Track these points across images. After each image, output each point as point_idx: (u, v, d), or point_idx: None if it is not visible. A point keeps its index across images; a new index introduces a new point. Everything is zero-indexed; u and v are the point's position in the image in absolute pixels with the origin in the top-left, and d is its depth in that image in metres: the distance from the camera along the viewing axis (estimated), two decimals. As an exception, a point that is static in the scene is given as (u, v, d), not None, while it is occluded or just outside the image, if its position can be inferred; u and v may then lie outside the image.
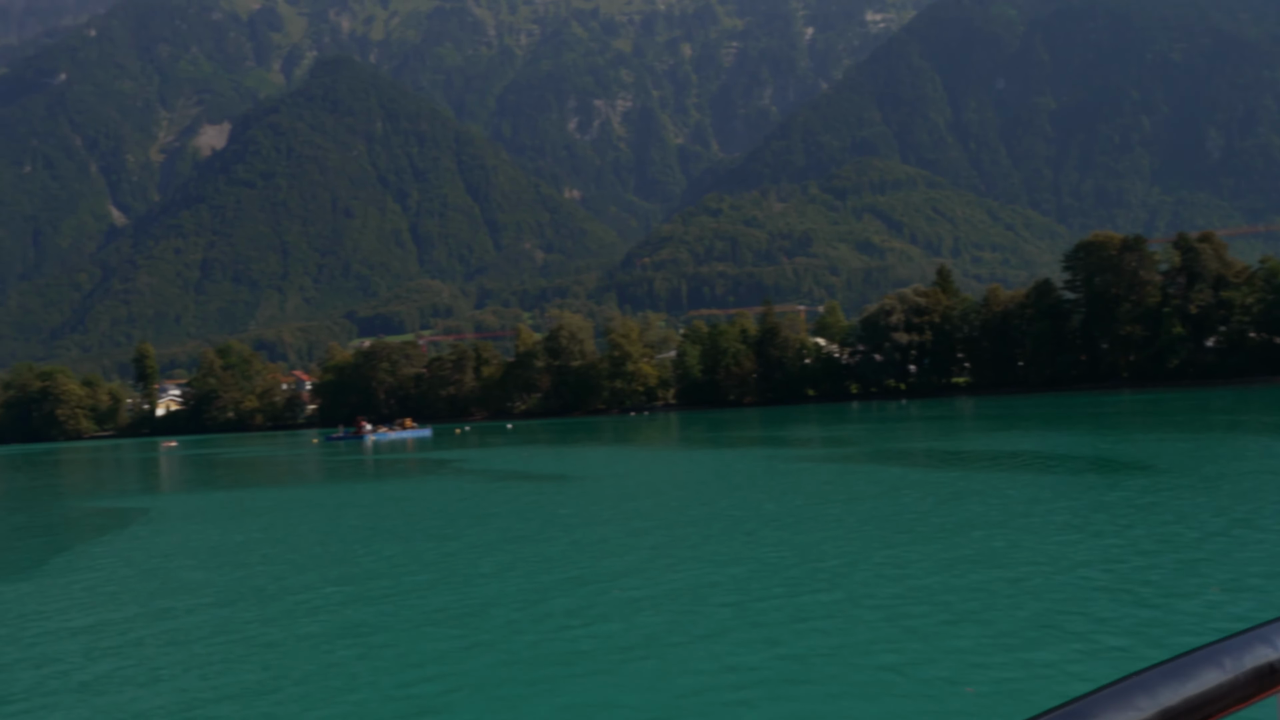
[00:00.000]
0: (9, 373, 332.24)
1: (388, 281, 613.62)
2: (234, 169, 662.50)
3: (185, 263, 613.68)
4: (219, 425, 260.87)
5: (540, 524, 41.86)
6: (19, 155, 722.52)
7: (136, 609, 28.85)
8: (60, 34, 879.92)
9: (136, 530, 48.33)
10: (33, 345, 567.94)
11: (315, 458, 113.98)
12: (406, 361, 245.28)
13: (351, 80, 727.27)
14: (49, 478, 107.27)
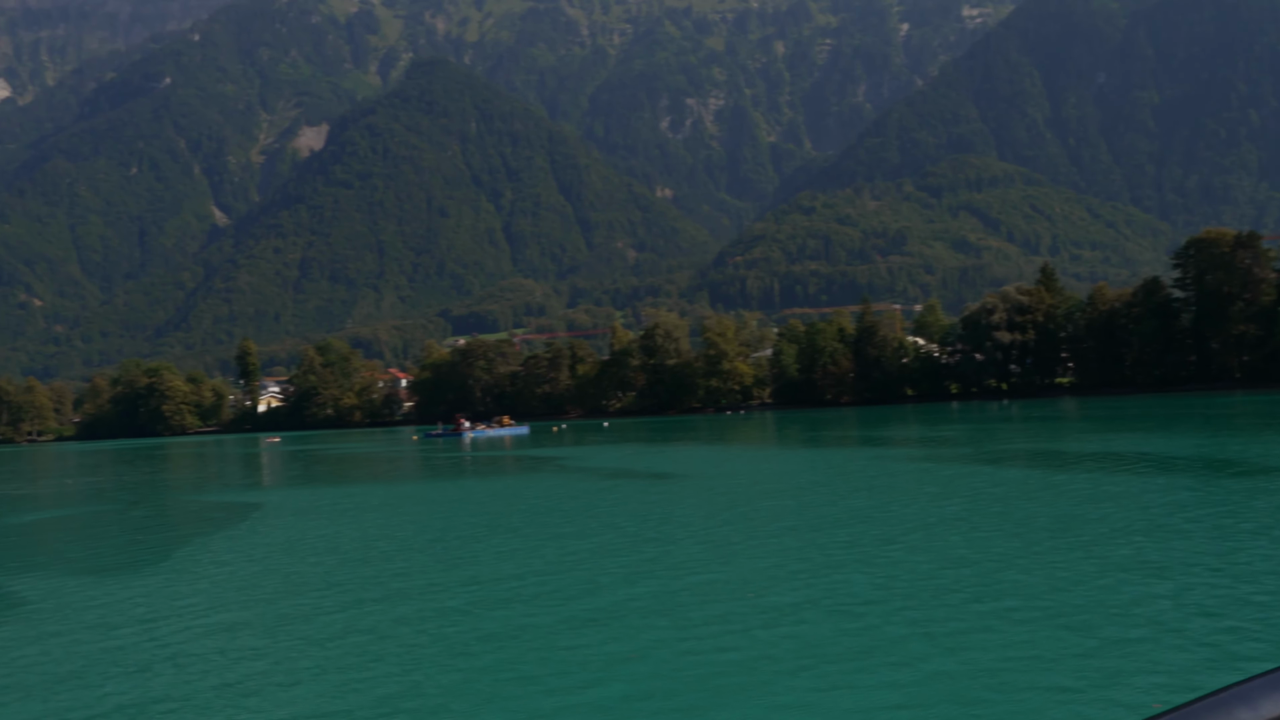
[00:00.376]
0: (117, 369, 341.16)
1: (481, 280, 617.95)
2: (332, 170, 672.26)
3: (284, 262, 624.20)
4: (318, 421, 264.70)
5: (659, 524, 41.09)
6: (126, 158, 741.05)
7: (267, 607, 28.60)
8: (165, 39, 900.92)
9: (256, 525, 48.51)
10: (138, 342, 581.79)
11: (417, 454, 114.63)
12: (502, 360, 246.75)
13: (446, 81, 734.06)
14: (163, 472, 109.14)
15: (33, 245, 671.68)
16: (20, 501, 74.90)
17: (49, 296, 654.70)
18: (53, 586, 33.78)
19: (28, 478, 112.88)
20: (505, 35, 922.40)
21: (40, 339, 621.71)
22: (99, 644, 25.22)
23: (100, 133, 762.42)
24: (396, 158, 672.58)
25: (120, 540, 47.28)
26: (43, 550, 45.30)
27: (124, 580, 34.41)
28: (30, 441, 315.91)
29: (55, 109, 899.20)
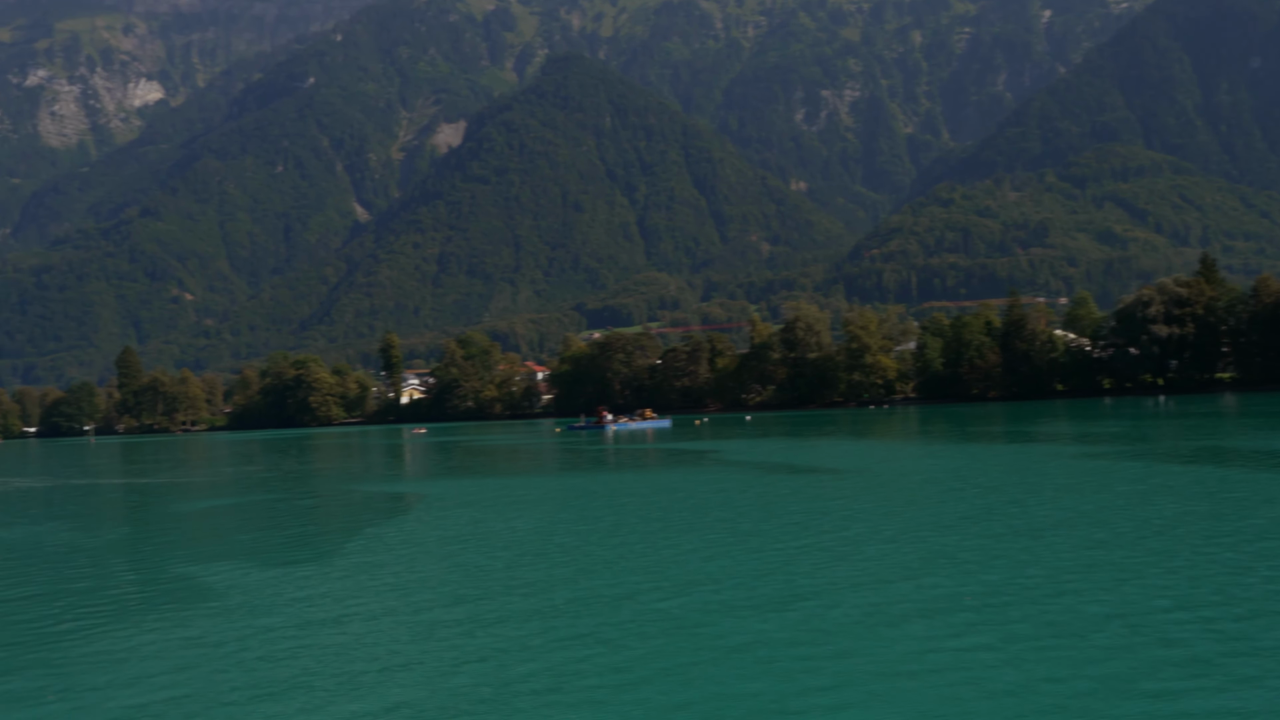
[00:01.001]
0: (265, 361, 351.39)
1: (616, 274, 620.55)
2: (469, 166, 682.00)
3: (423, 257, 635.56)
4: (459, 413, 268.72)
5: (843, 522, 39.87)
6: (272, 156, 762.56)
7: (451, 600, 28.28)
8: (309, 40, 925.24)
9: (425, 516, 48.64)
10: (284, 336, 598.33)
11: (563, 446, 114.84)
12: (641, 353, 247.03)
13: (581, 77, 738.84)
14: (320, 462, 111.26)
15: (184, 242, 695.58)
16: (191, 489, 76.82)
17: (199, 291, 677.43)
18: (240, 575, 34.06)
19: (193, 466, 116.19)
20: (639, 30, 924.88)
21: (191, 332, 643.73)
22: (292, 634, 25.15)
23: (248, 132, 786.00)
24: (532, 153, 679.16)
25: (295, 529, 47.83)
26: (223, 539, 46.01)
27: (306, 570, 34.57)
28: (184, 431, 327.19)
29: (205, 110, 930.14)
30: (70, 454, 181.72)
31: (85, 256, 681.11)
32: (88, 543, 46.03)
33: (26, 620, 28.52)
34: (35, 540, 47.42)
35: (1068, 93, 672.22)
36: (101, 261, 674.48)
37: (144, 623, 27.18)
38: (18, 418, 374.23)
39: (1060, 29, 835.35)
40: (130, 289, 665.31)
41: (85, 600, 31.10)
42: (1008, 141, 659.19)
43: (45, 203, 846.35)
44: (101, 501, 72.22)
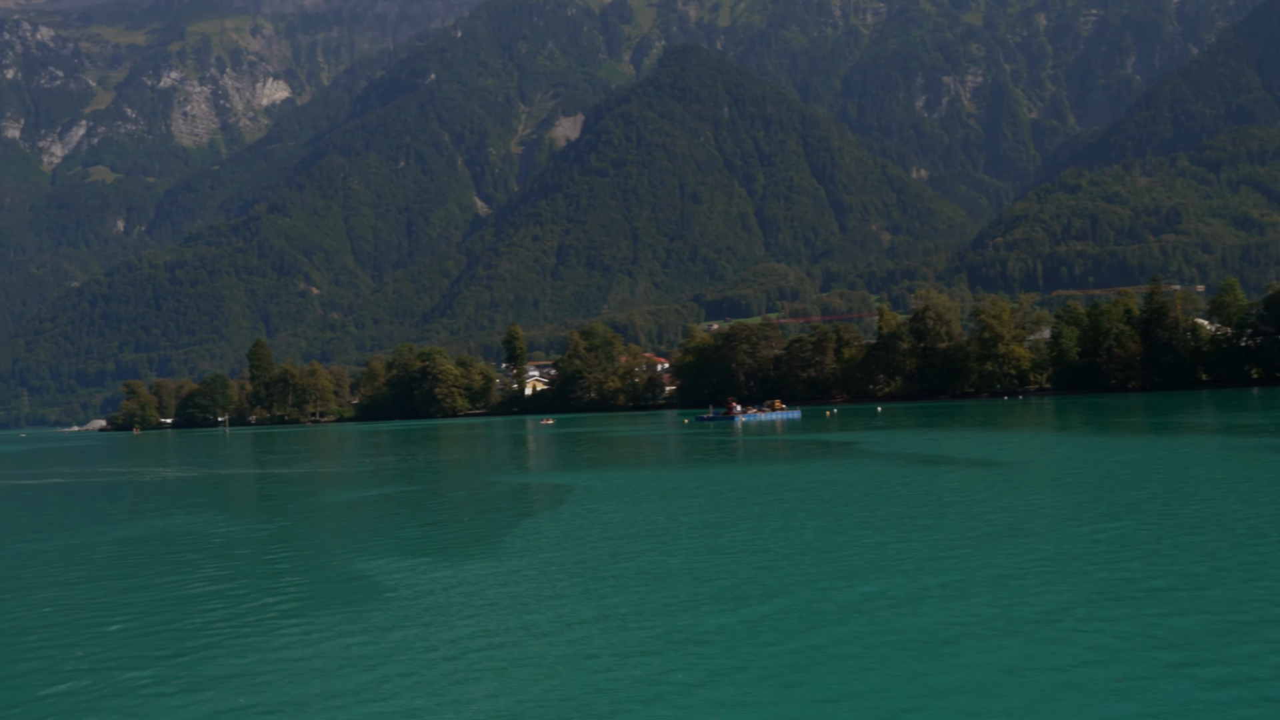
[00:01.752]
0: (391, 354, 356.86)
1: (734, 265, 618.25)
2: (587, 158, 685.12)
3: (543, 249, 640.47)
4: (582, 405, 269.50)
5: (1011, 516, 38.07)
6: (394, 152, 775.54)
7: (620, 593, 27.32)
8: (430, 37, 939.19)
9: (577, 508, 47.92)
10: (406, 328, 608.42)
11: (695, 437, 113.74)
12: (766, 343, 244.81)
13: (699, 67, 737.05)
14: (455, 453, 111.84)
15: (311, 237, 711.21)
16: (336, 480, 77.43)
17: (325, 285, 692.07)
18: (412, 570, 33.62)
19: (331, 457, 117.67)
20: (757, 19, 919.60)
21: (318, 325, 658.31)
22: (480, 630, 24.54)
23: (371, 129, 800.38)
24: (650, 145, 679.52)
25: (455, 522, 47.48)
26: (384, 531, 45.78)
27: (478, 564, 34.01)
28: (314, 422, 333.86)
29: (330, 107, 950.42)
30: (208, 444, 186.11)
31: (216, 252, 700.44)
32: (249, 534, 46.23)
33: (207, 614, 28.31)
34: (197, 531, 47.79)
35: (1201, 74, 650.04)
36: (232, 257, 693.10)
37: (322, 619, 26.76)
38: (155, 409, 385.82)
39: (1192, 9, 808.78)
40: (259, 283, 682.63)
41: (260, 594, 30.87)
42: (1137, 125, 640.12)
43: (178, 201, 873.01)
44: (252, 492, 73.13)
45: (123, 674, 22.54)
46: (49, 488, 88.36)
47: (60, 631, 27.07)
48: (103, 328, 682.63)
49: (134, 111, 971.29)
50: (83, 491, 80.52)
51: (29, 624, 28.23)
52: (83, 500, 71.93)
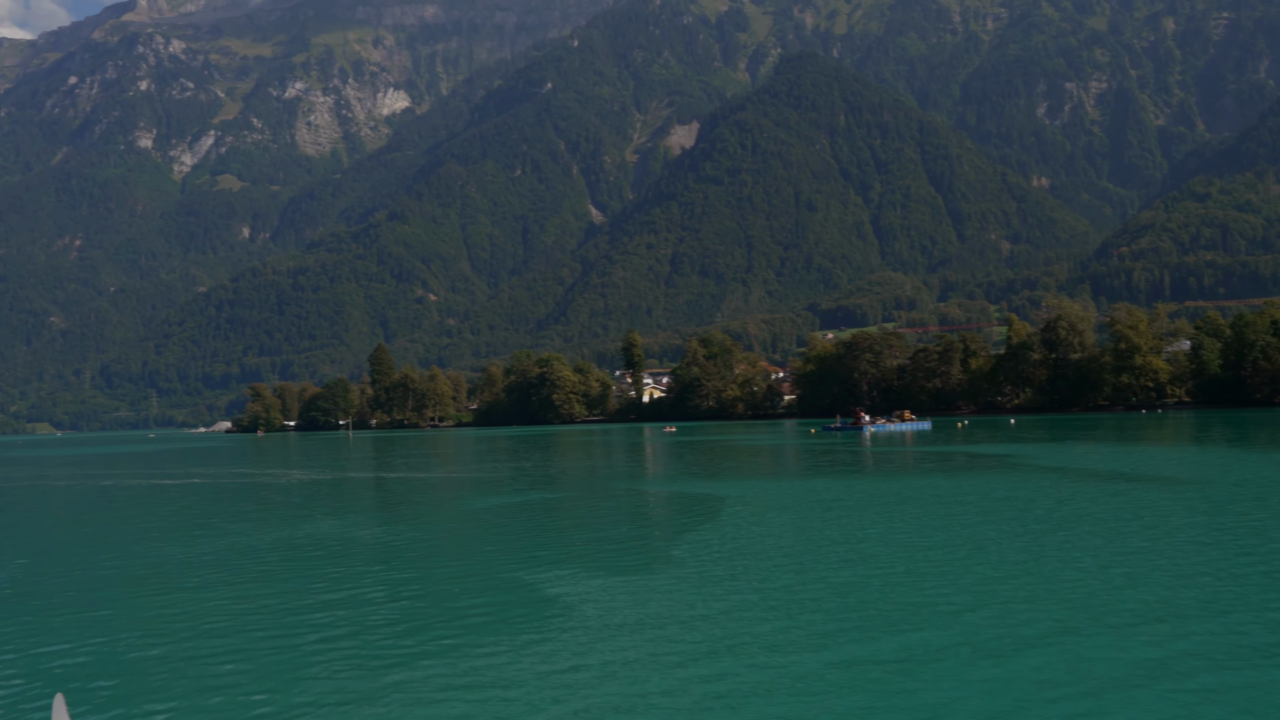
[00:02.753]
0: (510, 359, 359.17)
1: (849, 274, 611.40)
2: (702, 166, 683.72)
3: (656, 257, 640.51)
4: (700, 413, 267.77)
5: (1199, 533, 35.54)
6: (511, 160, 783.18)
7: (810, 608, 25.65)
8: (547, 47, 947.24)
9: (735, 519, 46.53)
10: (521, 335, 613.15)
11: (825, 448, 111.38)
12: (890, 353, 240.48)
13: (815, 75, 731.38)
14: (584, 459, 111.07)
15: (429, 244, 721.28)
16: (474, 485, 76.92)
17: (442, 292, 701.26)
18: (579, 582, 32.60)
19: (461, 461, 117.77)
20: (874, 26, 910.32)
21: (435, 331, 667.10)
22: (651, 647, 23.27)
23: (488, 137, 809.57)
24: (765, 153, 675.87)
25: (608, 531, 46.34)
26: (537, 540, 44.79)
27: (648, 578, 32.94)
28: (433, 426, 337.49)
29: (449, 116, 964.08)
30: (334, 447, 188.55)
31: (337, 259, 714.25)
32: (405, 540, 45.58)
33: (390, 626, 27.39)
34: (352, 536, 47.32)
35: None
36: (352, 264, 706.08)
37: (507, 633, 25.91)
38: (279, 411, 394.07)
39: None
40: (378, 289, 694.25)
41: (437, 605, 29.99)
42: (1270, 132, 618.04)
43: (301, 208, 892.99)
44: (393, 496, 72.91)
45: (322, 685, 21.64)
46: (191, 488, 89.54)
47: (246, 639, 26.32)
48: (228, 332, 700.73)
49: (260, 121, 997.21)
50: (226, 493, 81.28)
51: (211, 629, 27.56)
52: (229, 502, 72.47)
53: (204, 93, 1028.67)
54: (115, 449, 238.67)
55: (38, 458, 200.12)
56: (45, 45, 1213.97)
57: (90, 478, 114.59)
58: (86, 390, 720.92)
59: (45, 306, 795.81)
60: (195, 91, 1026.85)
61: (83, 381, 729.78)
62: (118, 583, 36.42)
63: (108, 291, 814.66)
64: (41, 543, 51.64)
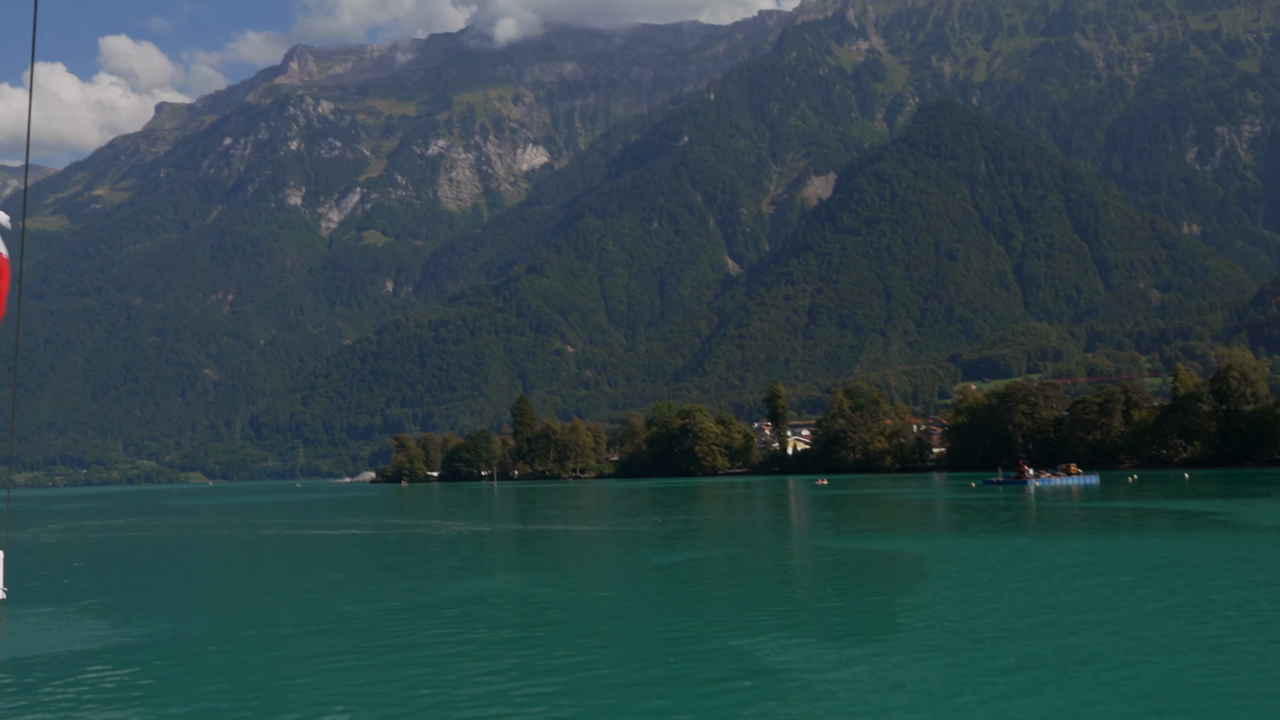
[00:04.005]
0: (651, 410, 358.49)
1: (991, 324, 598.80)
2: (839, 217, 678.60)
3: (794, 308, 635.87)
4: (846, 465, 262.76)
5: None
6: (648, 213, 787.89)
7: (1059, 683, 23.27)
8: (684, 101, 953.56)
9: (943, 581, 43.88)
10: (658, 387, 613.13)
11: (996, 502, 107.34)
12: (1046, 404, 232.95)
13: (954, 123, 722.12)
14: (746, 513, 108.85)
15: (566, 296, 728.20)
16: (642, 539, 75.39)
17: (580, 344, 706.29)
18: (791, 646, 30.53)
19: (616, 514, 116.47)
20: (1014, 74, 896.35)
21: (572, 383, 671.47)
22: None
23: (625, 191, 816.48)
24: (904, 203, 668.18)
25: (808, 592, 44.17)
26: (737, 603, 42.81)
27: (870, 643, 30.76)
28: (574, 478, 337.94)
29: (586, 171, 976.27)
30: (481, 498, 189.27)
31: (477, 312, 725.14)
32: (586, 599, 44.19)
33: (607, 690, 25.77)
34: (535, 593, 46.05)
35: None
36: (492, 316, 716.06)
37: (734, 706, 23.80)
38: (422, 462, 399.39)
39: None
40: (517, 342, 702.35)
41: (644, 674, 28.24)
42: None
43: (443, 262, 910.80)
44: (558, 550, 71.74)
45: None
46: (353, 539, 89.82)
47: (457, 704, 24.98)
48: (371, 383, 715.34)
49: (404, 178, 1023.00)
50: (389, 545, 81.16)
51: (412, 692, 26.30)
52: (395, 554, 72.13)
53: (351, 151, 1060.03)
54: (266, 498, 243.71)
55: (194, 506, 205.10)
56: (203, 108, 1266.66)
57: (251, 528, 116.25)
58: (236, 440, 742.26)
59: (199, 359, 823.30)
60: (343, 150, 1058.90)
61: (233, 432, 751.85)
62: (309, 637, 35.62)
63: (258, 344, 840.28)
64: (224, 596, 51.53)
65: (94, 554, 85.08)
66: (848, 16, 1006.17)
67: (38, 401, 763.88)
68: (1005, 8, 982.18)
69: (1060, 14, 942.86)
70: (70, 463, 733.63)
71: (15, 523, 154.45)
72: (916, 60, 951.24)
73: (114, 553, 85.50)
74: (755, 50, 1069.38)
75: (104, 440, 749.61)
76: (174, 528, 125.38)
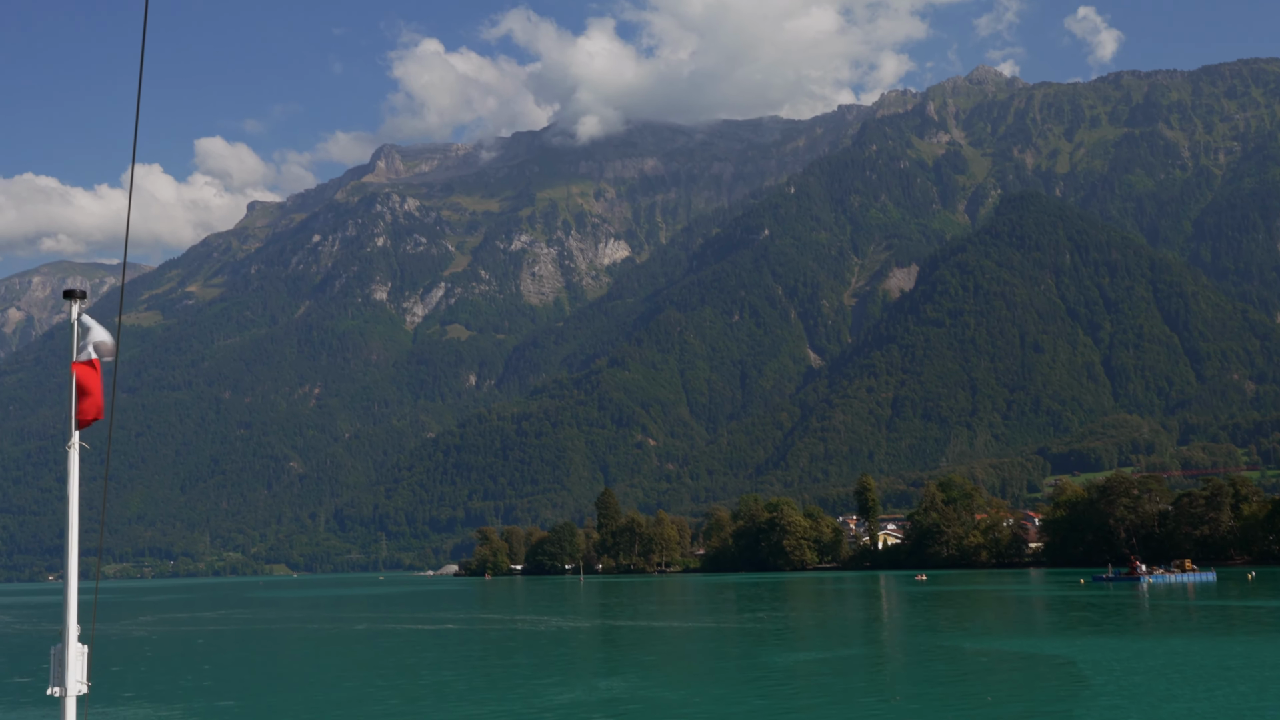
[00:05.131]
0: (737, 504, 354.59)
1: (1080, 417, 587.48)
2: (922, 309, 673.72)
3: (877, 401, 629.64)
4: (940, 560, 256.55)
5: None
6: (729, 305, 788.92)
7: None
8: (764, 195, 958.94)
9: (1124, 689, 41.46)
10: (740, 480, 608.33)
11: (1113, 601, 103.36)
12: (1149, 497, 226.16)
13: (1038, 214, 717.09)
14: (858, 609, 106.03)
15: (648, 389, 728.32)
16: (756, 637, 73.20)
17: (661, 437, 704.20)
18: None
19: (718, 610, 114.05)
20: (1098, 164, 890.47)
21: (654, 476, 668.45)
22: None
23: (706, 284, 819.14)
24: (988, 294, 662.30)
25: (965, 697, 41.94)
26: (900, 712, 40.73)
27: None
28: (660, 572, 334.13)
29: (668, 264, 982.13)
30: (568, 592, 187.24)
31: (559, 405, 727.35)
32: (738, 706, 42.22)
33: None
34: (655, 698, 44.27)
35: None
36: (574, 409, 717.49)
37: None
38: (506, 555, 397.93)
39: None
40: (599, 435, 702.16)
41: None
42: None
43: (525, 355, 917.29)
44: (671, 649, 69.83)
45: None
46: (449, 634, 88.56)
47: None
48: (454, 476, 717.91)
49: (487, 273, 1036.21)
50: (490, 641, 79.74)
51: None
52: (501, 652, 70.57)
53: (435, 247, 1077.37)
54: (353, 591, 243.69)
55: (282, 599, 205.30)
56: (293, 207, 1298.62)
57: (344, 621, 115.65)
58: (321, 533, 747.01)
59: (285, 452, 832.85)
60: (428, 246, 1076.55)
61: (317, 524, 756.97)
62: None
63: (343, 438, 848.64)
64: (335, 694, 50.37)
65: (186, 648, 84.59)
66: (928, 110, 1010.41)
67: (128, 494, 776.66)
68: (1087, 99, 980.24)
69: (1144, 104, 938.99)
70: (158, 554, 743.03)
71: (106, 614, 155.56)
72: (998, 152, 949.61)
73: (207, 647, 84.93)
74: (835, 144, 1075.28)
75: (191, 532, 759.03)
76: (265, 620, 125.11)
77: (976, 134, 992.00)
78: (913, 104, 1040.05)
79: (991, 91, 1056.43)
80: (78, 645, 12.84)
